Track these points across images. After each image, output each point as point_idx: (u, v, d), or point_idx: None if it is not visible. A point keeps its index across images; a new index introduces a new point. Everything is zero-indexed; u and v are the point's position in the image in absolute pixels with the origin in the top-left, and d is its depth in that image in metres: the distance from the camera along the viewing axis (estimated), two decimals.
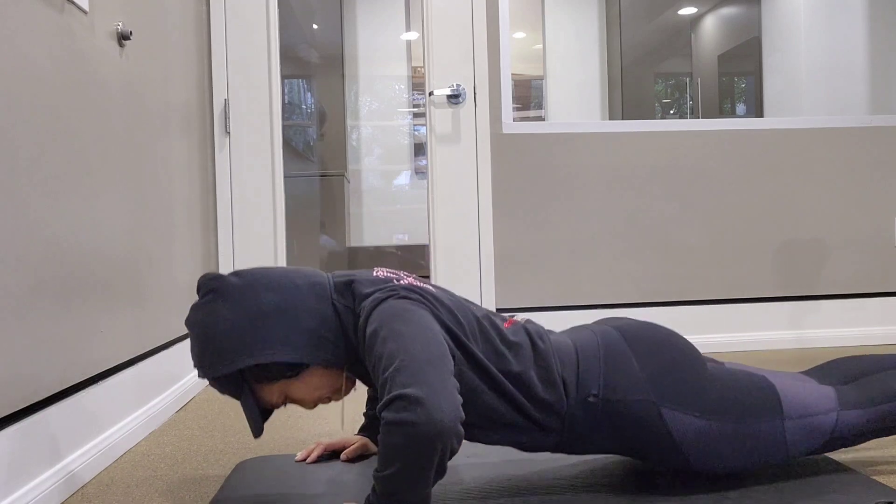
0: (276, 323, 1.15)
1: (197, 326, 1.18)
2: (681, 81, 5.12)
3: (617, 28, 4.84)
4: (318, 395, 1.23)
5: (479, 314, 1.23)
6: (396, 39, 3.09)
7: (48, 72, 1.39)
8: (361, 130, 3.03)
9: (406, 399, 0.98)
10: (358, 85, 3.08)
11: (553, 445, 1.24)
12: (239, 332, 1.14)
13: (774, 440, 1.21)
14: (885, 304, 2.91)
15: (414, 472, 0.99)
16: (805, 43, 4.18)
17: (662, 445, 1.20)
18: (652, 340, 1.25)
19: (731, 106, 5.01)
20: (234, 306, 1.16)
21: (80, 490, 1.40)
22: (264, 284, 1.18)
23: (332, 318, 1.18)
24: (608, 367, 1.22)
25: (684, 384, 1.20)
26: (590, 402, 1.20)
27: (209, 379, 1.18)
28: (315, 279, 1.21)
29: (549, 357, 1.22)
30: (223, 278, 1.19)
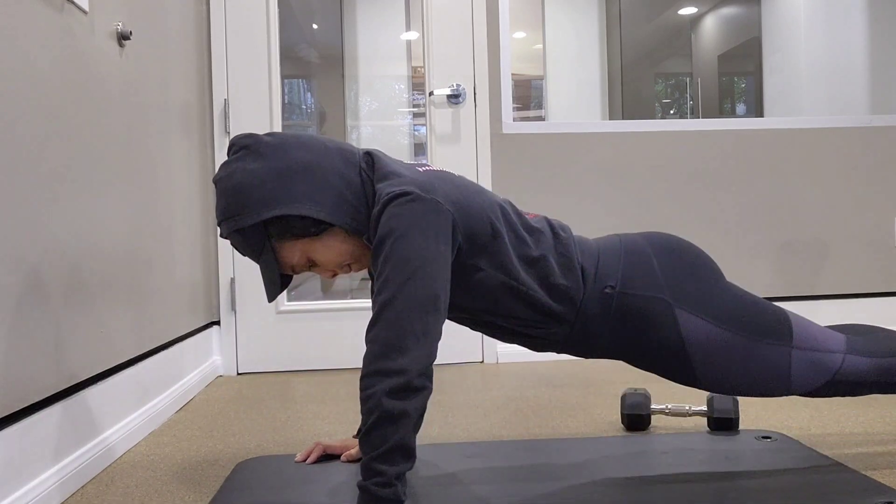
0: (304, 179, 1.17)
1: (225, 180, 1.19)
2: (681, 81, 5.12)
3: (617, 28, 4.84)
4: (339, 261, 1.24)
5: (501, 200, 1.25)
6: (396, 39, 3.09)
7: (48, 72, 1.39)
8: (361, 130, 3.02)
9: (382, 372, 1.05)
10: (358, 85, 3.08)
11: (562, 339, 1.26)
12: (267, 184, 1.16)
13: (779, 366, 1.22)
14: (886, 304, 2.91)
15: (391, 427, 1.04)
16: (805, 43, 4.18)
17: (670, 347, 1.22)
18: (675, 248, 1.28)
19: (731, 106, 5.01)
20: (264, 161, 1.18)
21: (80, 490, 1.40)
22: (295, 143, 1.20)
23: (358, 185, 1.20)
24: (627, 264, 1.25)
25: (700, 290, 1.23)
26: (606, 293, 1.23)
27: (232, 232, 1.19)
28: (345, 146, 1.24)
29: (570, 245, 1.25)
30: (256, 136, 1.21)
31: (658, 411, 1.68)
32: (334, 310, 2.73)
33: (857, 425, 1.68)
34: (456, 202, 1.17)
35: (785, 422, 1.73)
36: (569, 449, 1.49)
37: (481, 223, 1.19)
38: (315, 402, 2.14)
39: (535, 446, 1.52)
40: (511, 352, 2.74)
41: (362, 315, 2.73)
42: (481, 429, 1.76)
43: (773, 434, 1.54)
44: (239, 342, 2.67)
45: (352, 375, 2.57)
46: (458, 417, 1.89)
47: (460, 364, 2.72)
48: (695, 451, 1.45)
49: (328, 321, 2.72)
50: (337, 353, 2.71)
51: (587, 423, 1.78)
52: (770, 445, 1.47)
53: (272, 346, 2.69)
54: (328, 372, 2.65)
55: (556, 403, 2.01)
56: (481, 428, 1.77)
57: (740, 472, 1.31)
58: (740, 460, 1.38)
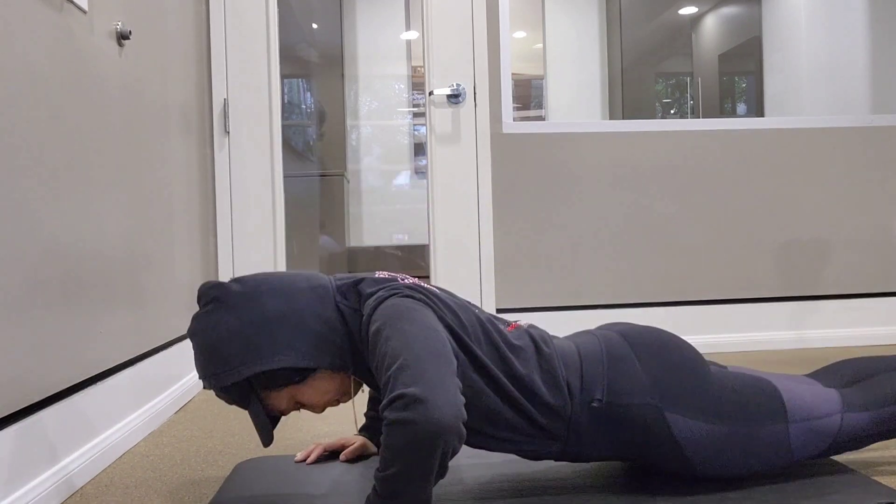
0: (281, 328, 1.14)
1: (200, 336, 1.17)
2: (681, 81, 5.12)
3: (617, 28, 4.83)
4: (327, 399, 1.22)
5: (483, 317, 1.22)
6: (396, 39, 3.09)
7: (47, 71, 1.38)
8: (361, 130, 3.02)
9: (407, 398, 0.98)
10: (358, 85, 3.08)
11: (557, 453, 1.23)
12: (244, 339, 1.14)
13: (779, 444, 1.20)
14: (886, 304, 2.91)
15: (415, 471, 0.98)
16: (805, 43, 4.18)
17: (667, 450, 1.19)
18: (655, 344, 1.25)
19: (731, 105, 5.01)
20: (238, 314, 1.15)
21: (80, 491, 1.40)
22: (266, 290, 1.17)
23: (337, 321, 1.18)
24: (612, 372, 1.21)
25: (688, 388, 1.20)
26: (594, 406, 1.19)
27: (215, 390, 1.17)
28: (317, 282, 1.20)
29: (554, 361, 1.21)
30: (224, 286, 1.18)
31: None
32: None
33: None
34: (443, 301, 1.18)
35: None
36: None
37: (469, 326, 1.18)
38: None
39: None
40: None
41: None
42: None
43: None
44: None
45: None
46: None
47: None
48: None
49: None
50: None
51: None
52: None
53: None
54: None
55: None
56: None
57: None
58: None
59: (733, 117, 4.80)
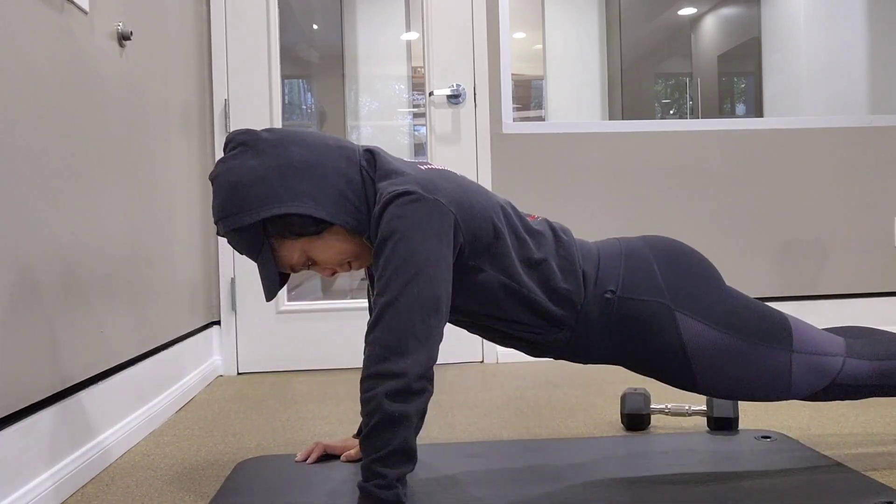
0: (304, 176, 1.15)
1: (223, 177, 1.17)
2: (681, 81, 5.12)
3: (617, 28, 4.84)
4: (339, 259, 1.23)
5: (502, 201, 1.25)
6: (396, 39, 3.09)
7: (48, 72, 1.39)
8: (361, 130, 3.02)
9: (382, 375, 1.05)
10: (358, 85, 3.08)
11: (562, 344, 1.25)
12: (266, 181, 1.14)
13: (780, 370, 1.22)
14: (885, 304, 2.91)
15: (393, 428, 1.05)
16: (805, 43, 4.18)
17: (670, 352, 1.21)
18: (675, 252, 1.28)
19: (730, 106, 5.01)
20: (263, 158, 1.16)
21: (80, 490, 1.40)
22: (295, 140, 1.18)
23: (359, 183, 1.19)
24: (628, 268, 1.24)
25: (701, 294, 1.23)
26: (606, 298, 1.22)
27: (230, 231, 1.17)
28: (346, 144, 1.23)
29: (572, 248, 1.25)
30: (254, 132, 1.19)
31: (658, 411, 1.68)
32: (334, 310, 2.73)
33: (857, 425, 1.68)
34: (458, 202, 1.16)
35: (785, 422, 1.73)
36: (569, 449, 1.49)
37: (484, 224, 1.18)
38: (315, 401, 2.14)
39: (535, 446, 1.52)
40: (511, 352, 2.74)
41: (362, 315, 2.73)
42: (481, 429, 1.76)
43: (773, 434, 1.54)
44: (239, 342, 2.67)
45: (352, 375, 2.57)
46: (458, 417, 1.89)
47: (460, 364, 2.72)
48: (694, 451, 1.45)
49: (328, 321, 2.72)
50: (337, 353, 2.71)
51: (587, 423, 1.78)
52: (770, 445, 1.47)
53: (272, 346, 2.69)
54: (328, 372, 2.65)
55: (556, 403, 2.01)
56: (481, 428, 1.77)
57: (740, 472, 1.31)
58: (740, 460, 1.38)
59: (732, 118, 4.80)
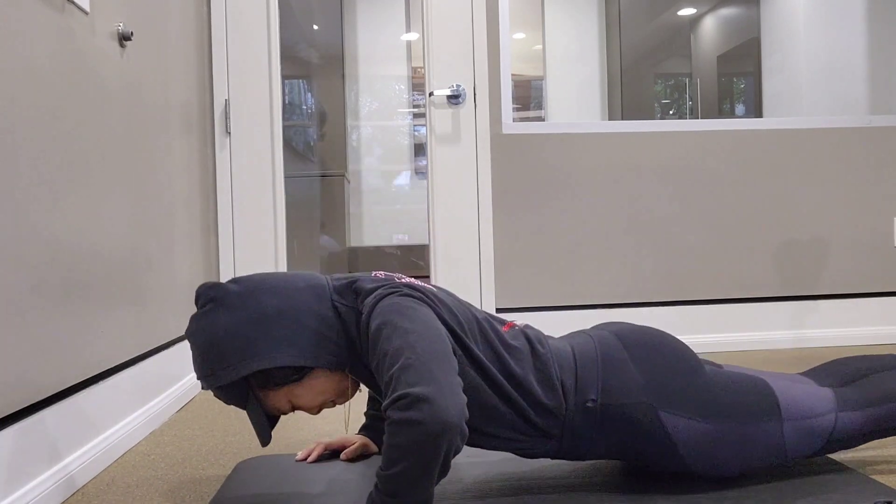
0: (278, 326, 1.15)
1: (198, 336, 1.17)
2: (680, 82, 5.12)
3: (617, 28, 4.84)
4: (322, 400, 1.22)
5: (479, 316, 1.23)
6: (396, 39, 3.09)
7: (49, 72, 1.39)
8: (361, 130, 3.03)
9: (411, 397, 0.98)
10: (358, 85, 3.08)
11: (553, 451, 1.24)
12: (241, 337, 1.14)
13: (773, 443, 1.21)
14: (885, 304, 2.92)
15: (418, 470, 0.99)
16: (804, 43, 4.18)
17: (662, 449, 1.20)
18: (649, 345, 1.25)
19: (730, 106, 5.01)
20: (236, 313, 1.15)
21: (80, 490, 1.40)
22: (264, 289, 1.17)
23: (334, 319, 1.18)
24: (606, 372, 1.22)
25: (682, 387, 1.20)
26: (588, 407, 1.20)
27: (213, 389, 1.17)
28: (314, 282, 1.21)
29: (549, 361, 1.22)
30: (221, 286, 1.18)
31: None
32: None
33: None
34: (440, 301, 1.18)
35: None
36: None
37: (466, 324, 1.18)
38: None
39: None
40: None
41: None
42: None
43: None
44: None
45: None
46: None
47: None
48: None
49: None
50: None
51: None
52: None
53: None
54: None
55: None
56: None
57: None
58: None
59: (732, 118, 4.80)
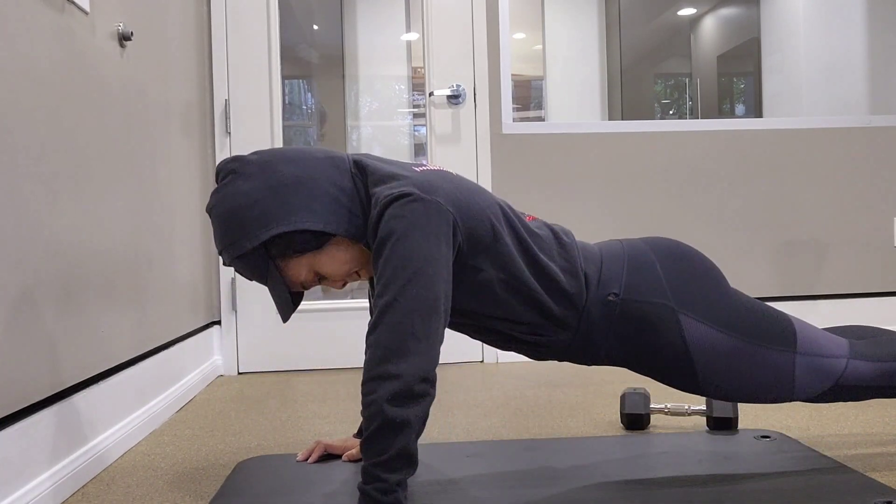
0: (297, 192, 1.16)
1: (218, 206, 1.18)
2: (680, 82, 5.12)
3: (617, 28, 4.84)
4: (347, 269, 1.23)
5: (500, 201, 1.24)
6: (396, 40, 3.09)
7: (49, 72, 1.39)
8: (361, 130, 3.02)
9: (383, 377, 1.04)
10: (358, 85, 3.08)
11: (565, 345, 1.25)
12: (261, 203, 1.15)
13: (783, 372, 1.22)
14: (885, 304, 2.92)
15: (394, 432, 1.04)
16: (804, 43, 4.18)
17: (673, 354, 1.21)
18: (677, 253, 1.27)
19: (730, 106, 5.01)
20: (255, 181, 1.16)
21: (80, 490, 1.40)
22: (283, 158, 1.19)
23: (352, 191, 1.19)
24: (631, 270, 1.24)
25: (704, 295, 1.22)
26: (609, 300, 1.22)
27: (234, 259, 1.18)
28: (334, 153, 1.23)
29: (573, 250, 1.24)
30: (241, 158, 1.20)
31: (657, 411, 1.68)
32: (334, 310, 2.73)
33: (856, 425, 1.69)
34: (456, 201, 1.16)
35: (784, 421, 1.73)
36: (569, 449, 1.49)
37: (482, 223, 1.17)
38: (315, 401, 2.14)
39: (535, 446, 1.52)
40: (511, 352, 2.74)
41: (362, 315, 2.73)
42: (481, 429, 1.77)
43: (773, 433, 1.54)
44: (240, 342, 2.67)
45: (352, 375, 2.57)
46: (458, 417, 1.89)
47: (460, 364, 2.72)
48: (694, 450, 1.45)
49: (328, 321, 2.72)
50: (337, 352, 2.71)
51: (587, 423, 1.78)
52: (769, 445, 1.47)
53: (273, 345, 2.69)
54: (328, 371, 2.65)
55: (556, 403, 2.02)
56: (481, 428, 1.77)
57: (739, 472, 1.32)
58: (739, 460, 1.38)
59: (732, 118, 4.80)
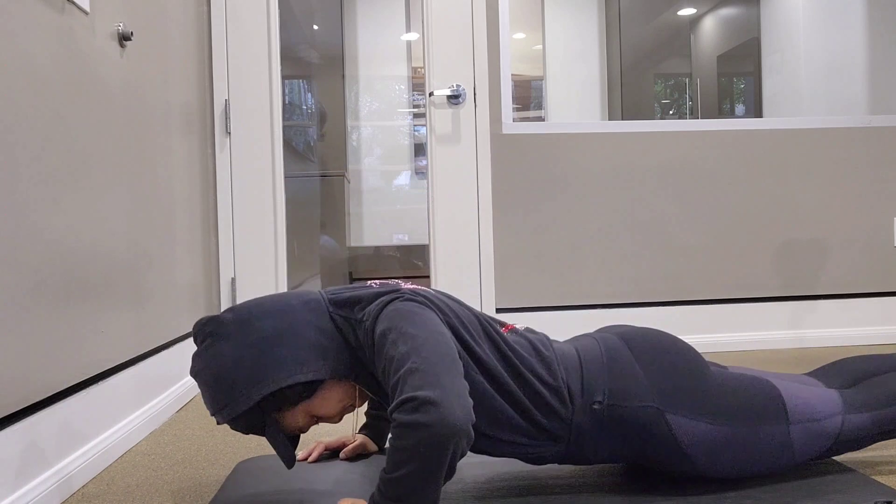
0: (280, 346, 1.14)
1: (203, 372, 1.16)
2: (680, 82, 5.12)
3: (617, 28, 4.84)
4: (341, 407, 1.22)
5: (481, 317, 1.23)
6: (396, 40, 3.09)
7: (49, 72, 1.39)
8: (361, 131, 3.03)
9: (418, 401, 0.98)
10: (358, 85, 3.09)
11: (560, 455, 1.23)
12: (248, 363, 1.13)
13: (781, 445, 1.21)
14: (885, 304, 2.92)
15: (424, 473, 0.99)
16: (804, 43, 4.18)
17: (669, 451, 1.20)
18: (655, 347, 1.25)
19: (730, 106, 5.01)
20: (236, 341, 1.15)
21: (80, 490, 1.40)
22: (259, 313, 1.17)
23: (333, 331, 1.18)
24: (612, 374, 1.21)
25: (689, 389, 1.20)
26: (595, 409, 1.20)
27: (229, 421, 1.17)
28: (308, 297, 1.21)
29: (553, 364, 1.21)
30: (216, 319, 1.18)
31: None
32: None
33: None
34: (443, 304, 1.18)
35: None
36: None
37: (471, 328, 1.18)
38: None
39: None
40: None
41: None
42: None
43: None
44: None
45: None
46: None
47: None
48: None
49: None
50: None
51: None
52: None
53: None
54: None
55: None
56: None
57: None
58: None
59: (732, 118, 4.80)
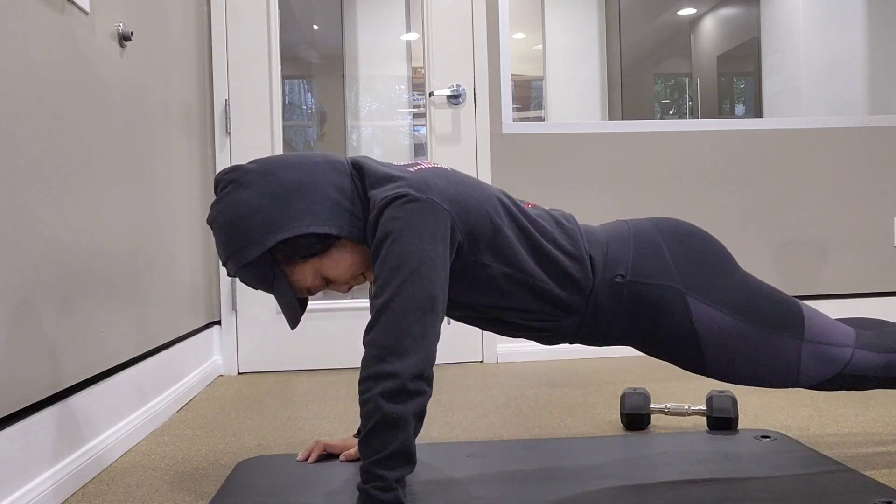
0: (299, 196, 1.15)
1: (220, 217, 1.17)
2: (680, 82, 5.12)
3: (617, 28, 4.84)
4: (352, 272, 1.22)
5: (497, 192, 1.24)
6: (396, 40, 3.09)
7: (49, 72, 1.39)
8: (361, 131, 3.03)
9: (377, 377, 1.05)
10: (358, 85, 3.08)
11: (573, 330, 1.24)
12: (264, 210, 1.14)
13: (789, 358, 1.22)
14: (884, 304, 2.92)
15: (393, 435, 1.05)
16: (804, 43, 4.18)
17: (681, 335, 1.21)
18: (685, 234, 1.26)
19: (730, 106, 5.01)
20: (255, 189, 1.16)
21: (81, 490, 1.40)
22: (282, 164, 1.18)
23: (353, 193, 1.19)
24: (637, 252, 1.23)
25: (713, 279, 1.22)
26: (616, 282, 1.21)
27: (239, 268, 1.17)
28: (333, 157, 1.23)
29: (575, 234, 1.24)
30: (239, 167, 1.19)
31: (657, 411, 1.68)
32: (334, 309, 2.73)
33: (856, 425, 1.69)
34: (453, 199, 1.16)
35: (784, 421, 1.73)
36: (569, 449, 1.49)
37: (481, 218, 1.18)
38: (315, 401, 2.14)
39: (535, 446, 1.52)
40: (511, 351, 2.74)
41: (362, 315, 2.74)
42: (481, 429, 1.77)
43: (773, 433, 1.54)
44: (240, 342, 2.68)
45: (352, 375, 2.57)
46: (458, 417, 1.89)
47: (460, 364, 2.72)
48: (694, 450, 1.45)
49: (328, 321, 2.72)
50: (337, 352, 2.71)
51: (587, 423, 1.78)
52: (769, 445, 1.47)
53: (273, 345, 2.69)
54: (328, 371, 2.65)
55: (556, 403, 2.02)
56: (481, 428, 1.77)
57: (739, 472, 1.32)
58: (739, 460, 1.38)
59: (732, 118, 4.80)
